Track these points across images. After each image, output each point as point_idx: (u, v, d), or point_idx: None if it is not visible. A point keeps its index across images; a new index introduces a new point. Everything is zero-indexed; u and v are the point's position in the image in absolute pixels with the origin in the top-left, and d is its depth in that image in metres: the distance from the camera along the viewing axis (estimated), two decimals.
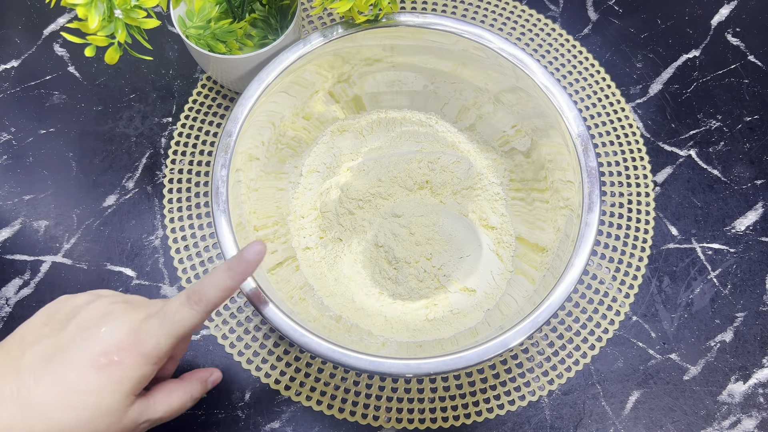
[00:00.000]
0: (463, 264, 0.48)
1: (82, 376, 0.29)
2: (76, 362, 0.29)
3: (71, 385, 0.28)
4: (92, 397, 0.29)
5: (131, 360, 0.30)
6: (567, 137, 0.42)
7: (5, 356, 0.30)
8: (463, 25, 0.45)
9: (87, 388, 0.29)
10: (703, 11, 0.60)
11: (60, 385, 0.28)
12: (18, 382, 0.28)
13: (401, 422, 0.46)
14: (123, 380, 0.29)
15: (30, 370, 0.28)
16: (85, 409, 0.28)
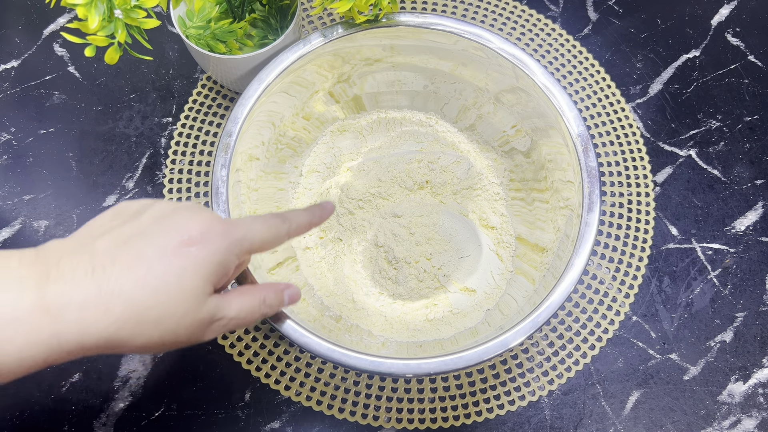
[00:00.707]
0: (463, 264, 0.48)
1: (162, 256, 0.27)
2: (155, 243, 0.27)
3: (150, 265, 0.27)
4: (172, 278, 0.27)
5: (216, 242, 0.28)
6: (567, 137, 0.42)
7: (76, 243, 0.28)
8: (463, 25, 0.45)
9: (167, 269, 0.27)
10: (703, 11, 0.60)
11: (138, 265, 0.27)
12: (92, 263, 0.26)
13: (401, 422, 0.46)
14: (204, 263, 0.28)
15: (105, 252, 0.27)
16: (164, 289, 0.27)
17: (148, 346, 0.27)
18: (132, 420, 0.45)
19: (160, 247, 0.27)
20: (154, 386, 0.46)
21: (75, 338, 0.25)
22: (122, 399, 0.46)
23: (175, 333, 0.28)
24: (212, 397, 0.46)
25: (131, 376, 0.47)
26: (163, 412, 0.46)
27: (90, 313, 0.25)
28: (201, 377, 0.47)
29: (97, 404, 0.46)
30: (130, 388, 0.46)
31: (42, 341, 0.25)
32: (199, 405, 0.46)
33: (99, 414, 0.46)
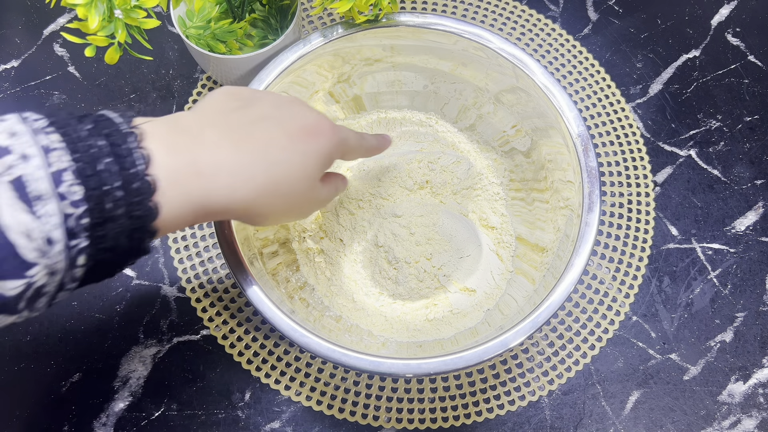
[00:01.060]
0: (463, 264, 0.48)
1: (289, 139, 0.30)
2: (282, 127, 0.31)
3: (281, 145, 0.30)
4: (298, 158, 0.30)
5: (328, 136, 0.32)
6: (567, 137, 0.42)
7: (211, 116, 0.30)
8: (463, 25, 0.45)
9: (294, 150, 0.30)
10: (703, 11, 0.60)
11: (272, 144, 0.30)
12: (232, 137, 0.29)
13: (401, 422, 0.46)
14: (320, 151, 0.32)
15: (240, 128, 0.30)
16: (292, 168, 0.30)
17: (275, 215, 0.31)
18: (132, 420, 0.45)
19: (286, 131, 0.31)
20: (154, 386, 0.46)
21: (223, 201, 0.28)
22: (122, 399, 0.46)
23: (298, 207, 0.33)
24: (212, 397, 0.46)
25: (131, 376, 0.47)
26: (163, 412, 0.46)
27: (238, 179, 0.28)
28: (201, 377, 0.47)
29: (97, 404, 0.46)
30: (130, 388, 0.46)
31: (194, 202, 0.27)
32: (199, 405, 0.46)
33: (99, 414, 0.46)
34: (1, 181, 0.22)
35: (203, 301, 0.49)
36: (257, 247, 0.43)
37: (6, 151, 0.22)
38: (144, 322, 0.48)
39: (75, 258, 0.24)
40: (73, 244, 0.23)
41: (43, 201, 0.22)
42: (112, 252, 0.25)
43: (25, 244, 0.22)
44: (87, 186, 0.23)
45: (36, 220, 0.22)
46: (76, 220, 0.23)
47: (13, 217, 0.22)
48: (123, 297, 0.49)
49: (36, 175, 0.22)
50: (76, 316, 0.48)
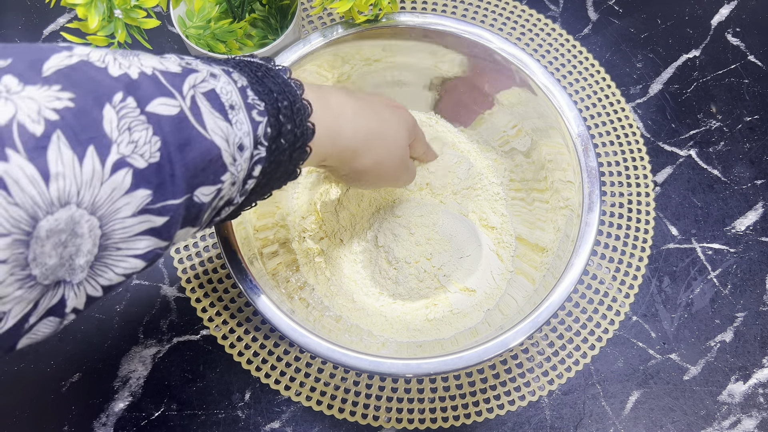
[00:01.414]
0: (463, 264, 0.48)
1: (384, 107, 0.38)
2: (376, 100, 0.38)
3: (382, 108, 0.37)
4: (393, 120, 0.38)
5: (409, 114, 0.41)
6: (567, 137, 0.42)
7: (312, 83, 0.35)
8: (463, 25, 0.45)
9: (390, 114, 0.38)
10: (703, 11, 0.60)
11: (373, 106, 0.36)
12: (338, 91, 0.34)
13: (401, 422, 0.46)
14: (406, 121, 0.40)
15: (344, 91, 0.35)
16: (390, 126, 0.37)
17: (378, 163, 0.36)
18: (132, 420, 0.45)
19: (384, 102, 0.39)
20: (154, 386, 0.46)
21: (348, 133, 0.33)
22: (122, 399, 0.46)
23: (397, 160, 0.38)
24: (212, 397, 0.46)
25: (131, 376, 0.47)
26: (163, 412, 0.46)
27: (358, 118, 0.34)
28: (201, 377, 0.47)
29: (97, 404, 0.46)
30: (130, 388, 0.46)
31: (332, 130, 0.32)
32: (199, 405, 0.46)
33: (99, 414, 0.46)
34: (197, 91, 0.24)
35: (203, 301, 0.49)
36: (257, 247, 0.43)
37: (194, 70, 0.24)
38: (144, 322, 0.48)
39: (252, 168, 0.26)
40: (255, 154, 0.26)
41: (236, 110, 0.25)
42: (277, 168, 0.28)
43: (226, 148, 0.24)
44: (265, 101, 0.27)
45: (232, 127, 0.24)
46: (264, 129, 0.26)
47: (215, 123, 0.24)
48: (123, 297, 0.49)
49: (227, 88, 0.25)
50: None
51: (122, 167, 0.20)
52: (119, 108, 0.21)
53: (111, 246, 0.21)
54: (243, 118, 0.25)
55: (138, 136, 0.21)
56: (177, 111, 0.22)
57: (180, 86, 0.23)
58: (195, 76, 0.24)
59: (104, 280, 0.22)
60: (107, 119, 0.20)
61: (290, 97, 0.28)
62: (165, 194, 0.22)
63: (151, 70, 0.23)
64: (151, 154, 0.21)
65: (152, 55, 0.25)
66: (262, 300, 0.38)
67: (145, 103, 0.21)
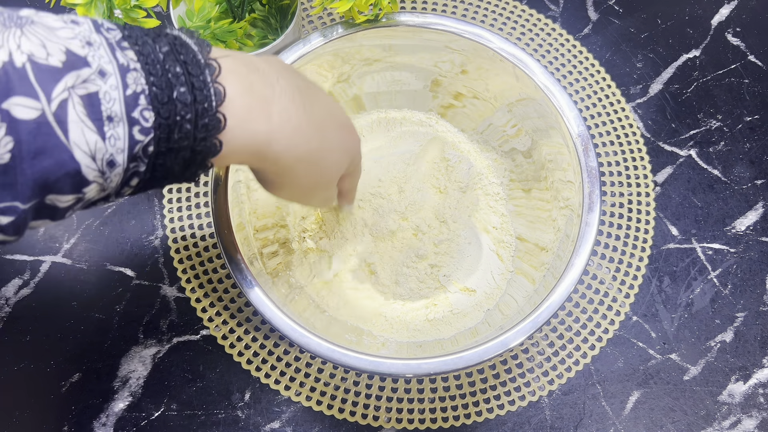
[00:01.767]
0: (463, 264, 0.48)
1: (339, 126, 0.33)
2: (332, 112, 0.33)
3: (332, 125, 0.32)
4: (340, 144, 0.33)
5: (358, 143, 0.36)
6: (567, 137, 0.42)
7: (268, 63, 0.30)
8: (463, 25, 0.45)
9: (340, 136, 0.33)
10: (703, 11, 0.60)
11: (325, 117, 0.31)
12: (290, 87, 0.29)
13: (401, 422, 0.46)
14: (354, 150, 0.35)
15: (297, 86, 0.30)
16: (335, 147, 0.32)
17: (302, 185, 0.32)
18: (132, 420, 0.45)
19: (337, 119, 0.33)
20: (154, 386, 0.46)
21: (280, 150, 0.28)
22: (122, 399, 0.46)
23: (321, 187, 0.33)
24: (212, 397, 0.46)
25: (131, 376, 0.47)
26: (163, 412, 0.46)
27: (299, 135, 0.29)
28: (201, 377, 0.47)
29: (97, 404, 0.46)
30: (130, 388, 0.46)
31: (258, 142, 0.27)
32: (199, 405, 0.46)
33: (99, 414, 0.46)
34: (74, 93, 0.21)
35: (203, 301, 0.49)
36: (257, 247, 0.43)
37: (84, 62, 0.21)
38: (144, 322, 0.48)
39: (128, 180, 0.24)
40: (131, 167, 0.23)
41: (114, 123, 0.22)
42: (164, 178, 0.25)
43: (89, 164, 0.21)
44: (160, 114, 0.23)
45: (103, 142, 0.21)
46: (143, 148, 0.23)
47: (82, 135, 0.21)
48: (123, 297, 0.49)
49: (111, 95, 0.21)
50: (76, 316, 0.48)
51: None
52: None
53: None
54: (121, 133, 0.22)
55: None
56: (37, 115, 0.20)
57: (51, 87, 0.20)
58: (77, 75, 0.21)
59: None
60: None
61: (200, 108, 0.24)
62: (7, 197, 0.20)
63: (24, 60, 0.20)
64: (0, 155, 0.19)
65: (48, 24, 0.21)
66: (261, 299, 0.38)
67: (2, 98, 0.19)
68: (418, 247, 0.47)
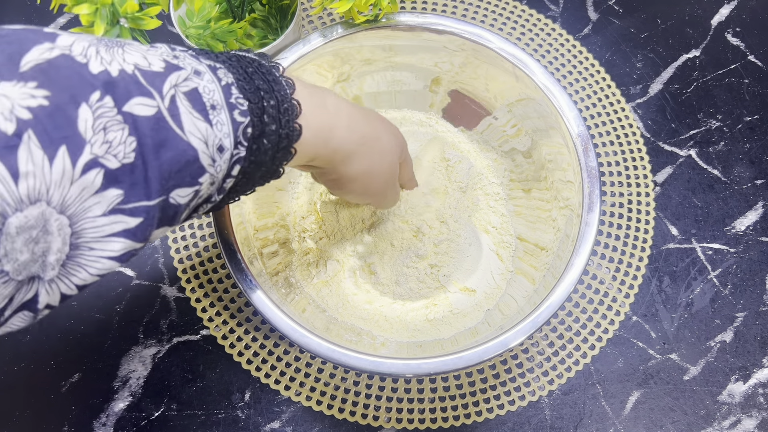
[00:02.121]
0: (463, 264, 0.48)
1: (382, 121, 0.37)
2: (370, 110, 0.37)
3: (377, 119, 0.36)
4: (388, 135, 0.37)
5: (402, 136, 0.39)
6: (567, 137, 0.42)
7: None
8: (463, 25, 0.45)
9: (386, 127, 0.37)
10: (703, 11, 0.60)
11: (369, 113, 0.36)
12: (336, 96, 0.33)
13: (401, 422, 0.46)
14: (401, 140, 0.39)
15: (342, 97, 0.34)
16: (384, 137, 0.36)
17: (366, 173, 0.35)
18: (132, 420, 0.45)
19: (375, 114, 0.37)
20: (154, 386, 0.46)
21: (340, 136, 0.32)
22: (122, 399, 0.46)
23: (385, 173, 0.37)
24: (212, 397, 0.46)
25: (131, 376, 0.47)
26: (163, 412, 0.46)
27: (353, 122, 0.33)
28: (201, 377, 0.47)
29: (97, 404, 0.46)
30: (130, 388, 0.46)
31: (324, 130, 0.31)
32: (199, 405, 0.46)
33: (99, 414, 0.46)
34: (178, 90, 0.23)
35: (203, 301, 0.49)
36: (257, 247, 0.43)
37: (177, 68, 0.24)
38: (144, 322, 0.48)
39: (232, 167, 0.26)
40: (235, 153, 0.26)
41: (217, 110, 0.24)
42: (258, 168, 0.28)
43: (204, 150, 0.24)
44: (250, 100, 0.26)
45: (212, 128, 0.24)
46: (244, 130, 0.26)
47: (193, 125, 0.23)
48: (123, 297, 0.49)
49: (209, 87, 0.24)
50: (76, 316, 0.48)
51: (94, 167, 0.20)
52: (96, 107, 0.20)
53: (83, 245, 0.21)
54: (224, 118, 0.25)
55: (113, 137, 0.21)
56: (154, 111, 0.22)
57: (160, 86, 0.23)
58: (178, 75, 0.24)
59: (78, 280, 0.22)
60: (82, 119, 0.20)
61: (278, 96, 0.28)
62: (138, 195, 0.22)
63: (132, 68, 0.22)
64: (125, 154, 0.21)
65: (140, 46, 0.24)
66: (261, 299, 0.38)
67: (123, 102, 0.21)
68: (418, 247, 0.47)
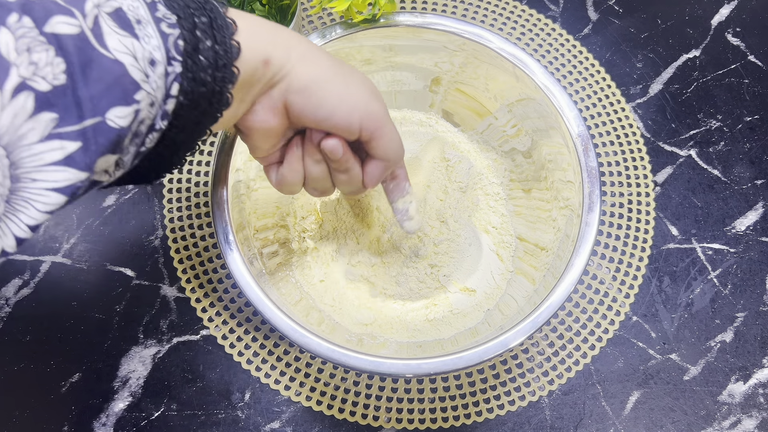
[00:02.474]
0: (463, 264, 0.48)
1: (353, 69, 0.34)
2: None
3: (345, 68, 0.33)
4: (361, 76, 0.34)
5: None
6: (567, 137, 0.42)
7: None
8: (463, 25, 0.45)
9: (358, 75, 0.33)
10: (703, 11, 0.60)
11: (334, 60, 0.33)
12: None
13: (401, 422, 0.46)
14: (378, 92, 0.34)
15: None
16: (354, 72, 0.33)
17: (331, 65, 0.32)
18: (132, 420, 0.45)
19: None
20: (154, 386, 0.46)
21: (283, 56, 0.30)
22: (122, 399, 0.46)
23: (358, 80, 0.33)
24: (212, 397, 0.46)
25: (131, 376, 0.47)
26: (163, 412, 0.46)
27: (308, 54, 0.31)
28: (201, 377, 0.47)
29: (97, 404, 0.46)
30: (130, 388, 0.46)
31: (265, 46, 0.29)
32: (199, 405, 0.46)
33: (99, 414, 0.46)
34: (101, 12, 0.23)
35: (203, 301, 0.49)
36: (257, 247, 0.43)
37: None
38: (144, 322, 0.48)
39: (170, 87, 0.25)
40: (170, 70, 0.25)
41: (143, 24, 0.24)
42: (200, 85, 0.27)
43: (132, 63, 0.23)
44: (179, 15, 0.26)
45: (138, 41, 0.23)
46: (174, 42, 0.25)
47: (119, 41, 0.23)
48: (123, 297, 0.49)
49: (134, 4, 0.24)
50: (76, 316, 0.48)
51: (23, 90, 0.20)
52: (15, 29, 0.20)
53: (24, 176, 0.21)
54: (152, 31, 0.24)
55: (38, 57, 0.20)
56: (78, 31, 0.22)
57: (82, 5, 0.22)
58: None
59: (27, 218, 0.22)
60: (3, 41, 0.20)
61: (211, 14, 0.27)
62: (72, 117, 0.21)
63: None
64: (54, 75, 0.21)
65: None
66: (261, 300, 0.38)
67: (43, 22, 0.21)
68: (418, 247, 0.47)
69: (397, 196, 0.39)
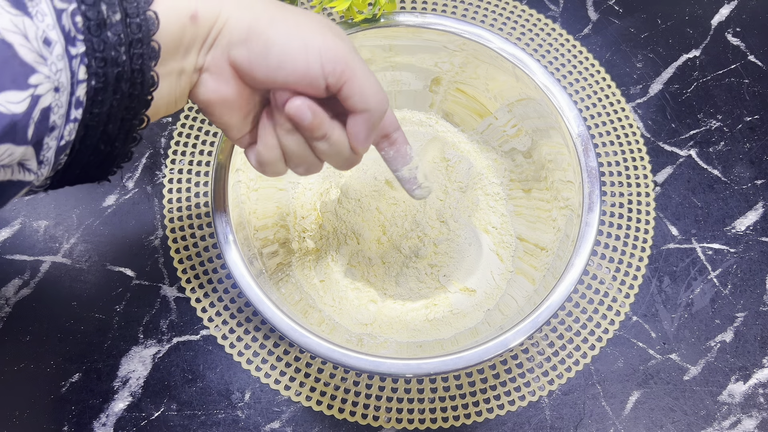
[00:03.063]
0: (463, 264, 0.48)
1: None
2: None
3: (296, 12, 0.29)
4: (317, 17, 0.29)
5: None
6: (567, 137, 0.42)
7: None
8: (463, 25, 0.45)
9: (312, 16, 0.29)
10: (703, 11, 0.60)
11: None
12: None
13: (401, 422, 0.46)
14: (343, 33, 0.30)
15: None
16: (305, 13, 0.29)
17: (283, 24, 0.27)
18: (132, 420, 0.45)
19: None
20: (154, 386, 0.46)
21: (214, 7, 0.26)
22: (122, 399, 0.46)
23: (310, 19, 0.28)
24: (212, 397, 0.46)
25: (131, 376, 0.47)
26: (163, 412, 0.46)
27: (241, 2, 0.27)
28: (201, 377, 0.47)
29: (97, 404, 0.46)
30: (130, 388, 0.46)
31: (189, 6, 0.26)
32: (199, 405, 0.46)
33: (99, 414, 0.46)
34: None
35: (203, 301, 0.49)
36: (257, 247, 0.43)
37: None
38: (144, 322, 0.48)
39: (77, 70, 0.23)
40: (73, 51, 0.23)
41: (35, 1, 0.22)
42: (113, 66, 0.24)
43: (23, 43, 0.21)
44: None
45: (30, 19, 0.21)
46: (71, 18, 0.22)
47: (7, 19, 0.21)
48: (123, 297, 0.49)
49: None
50: (76, 316, 0.48)
51: None
52: None
53: None
54: (45, 8, 0.22)
55: None
56: None
57: None
58: None
59: None
60: None
61: None
62: None
63: None
64: None
65: None
66: (261, 300, 0.38)
67: None
68: (418, 247, 0.47)
69: (400, 164, 0.35)
